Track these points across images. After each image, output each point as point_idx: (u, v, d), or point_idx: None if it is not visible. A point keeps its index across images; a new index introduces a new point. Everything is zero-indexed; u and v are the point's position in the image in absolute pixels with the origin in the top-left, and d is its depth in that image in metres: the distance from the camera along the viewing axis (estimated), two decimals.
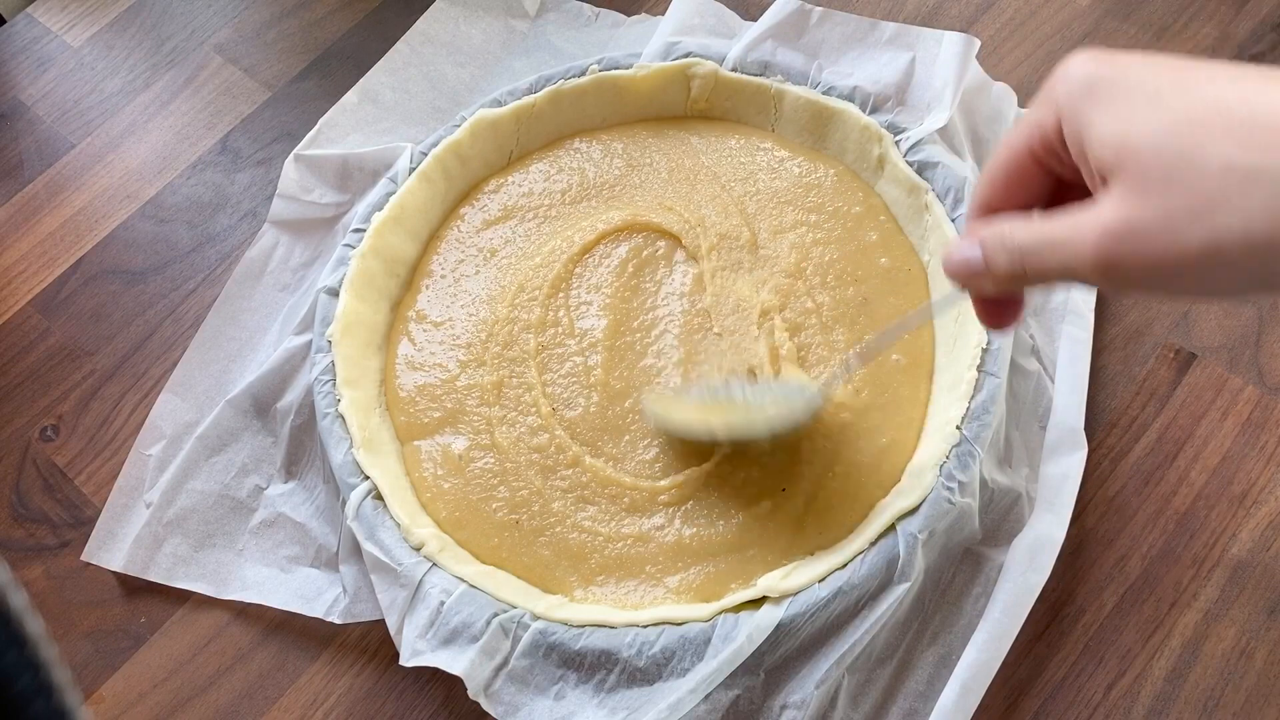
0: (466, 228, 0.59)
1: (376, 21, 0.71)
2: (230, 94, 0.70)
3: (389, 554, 0.48)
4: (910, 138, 0.55)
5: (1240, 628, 0.47)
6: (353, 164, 0.61)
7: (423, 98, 0.66)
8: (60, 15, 0.75)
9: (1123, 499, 0.51)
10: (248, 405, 0.56)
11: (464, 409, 0.53)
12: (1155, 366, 0.54)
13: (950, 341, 0.52)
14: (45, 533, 0.56)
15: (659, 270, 0.56)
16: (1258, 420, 0.52)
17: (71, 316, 0.62)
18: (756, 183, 0.58)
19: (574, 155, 0.61)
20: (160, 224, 0.65)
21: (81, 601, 0.53)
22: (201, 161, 0.67)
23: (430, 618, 0.46)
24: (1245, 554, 0.49)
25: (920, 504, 0.46)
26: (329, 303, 0.55)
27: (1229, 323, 0.54)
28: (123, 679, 0.51)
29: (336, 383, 0.53)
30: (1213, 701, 0.46)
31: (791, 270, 0.55)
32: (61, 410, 0.59)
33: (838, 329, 0.53)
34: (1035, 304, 0.54)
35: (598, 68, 0.60)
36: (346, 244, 0.57)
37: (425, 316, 0.57)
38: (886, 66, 0.58)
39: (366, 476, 0.50)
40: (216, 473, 0.55)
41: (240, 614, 0.52)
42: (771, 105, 0.59)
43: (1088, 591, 0.49)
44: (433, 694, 0.49)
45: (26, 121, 0.70)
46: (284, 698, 0.50)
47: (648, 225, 0.57)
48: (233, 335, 0.59)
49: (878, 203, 0.57)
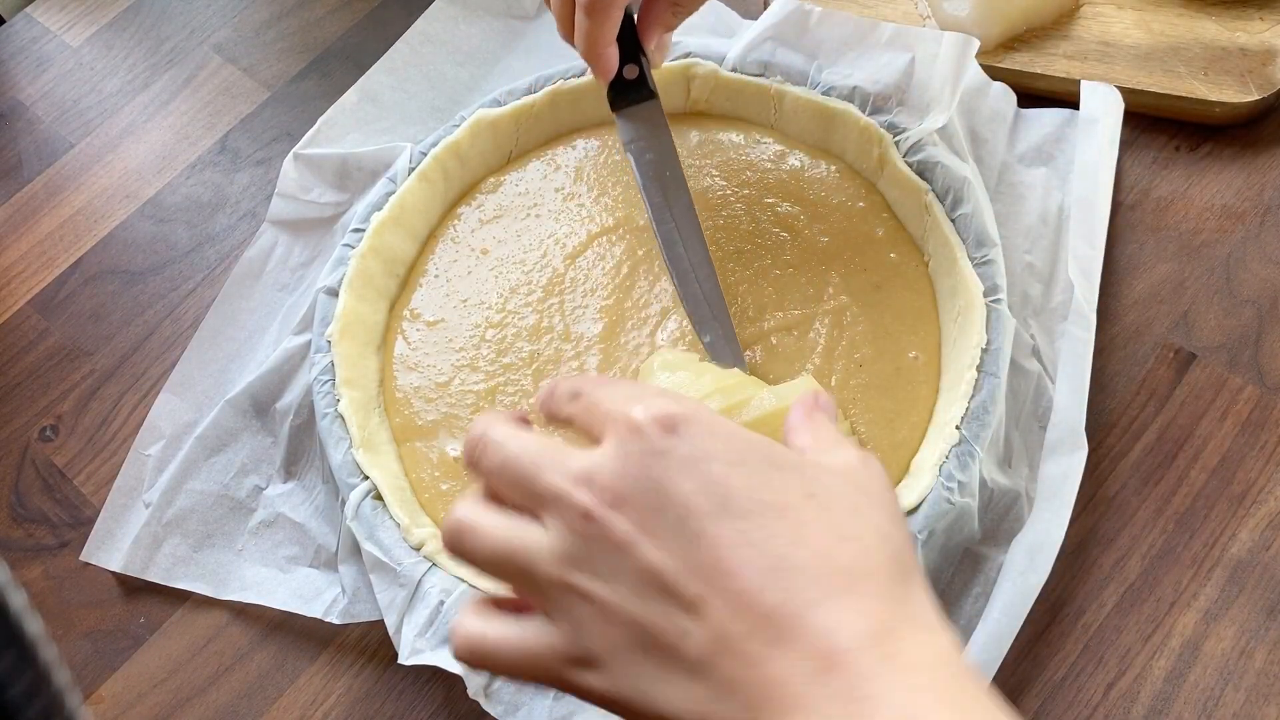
0: (463, 227, 0.59)
1: (376, 21, 0.71)
2: (229, 94, 0.70)
3: (388, 554, 0.48)
4: (910, 138, 0.55)
5: (1240, 628, 0.47)
6: (352, 163, 0.61)
7: (422, 97, 0.66)
8: (59, 15, 0.75)
9: (1123, 499, 0.51)
10: (247, 405, 0.56)
11: (459, 414, 0.53)
12: (1155, 366, 0.54)
13: (950, 341, 0.52)
14: (44, 533, 0.56)
15: (654, 266, 0.56)
16: (1258, 420, 0.52)
17: (70, 316, 0.62)
18: (757, 175, 0.58)
19: (571, 153, 0.61)
20: (159, 224, 0.65)
21: (80, 602, 0.53)
22: (201, 161, 0.67)
23: (430, 617, 0.46)
24: (1245, 554, 0.49)
25: (920, 504, 0.46)
26: (328, 302, 0.55)
27: (1229, 323, 0.54)
28: (122, 679, 0.51)
29: (336, 383, 0.53)
30: (1213, 701, 0.46)
31: (794, 262, 0.55)
32: (60, 410, 0.59)
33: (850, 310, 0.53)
34: (1035, 304, 0.54)
35: None
36: (346, 244, 0.57)
37: (419, 316, 0.57)
38: (886, 67, 0.58)
39: (366, 476, 0.50)
40: (216, 473, 0.55)
41: (239, 614, 0.52)
42: (771, 106, 0.59)
43: (1088, 591, 0.49)
44: (432, 694, 0.49)
45: (25, 121, 0.70)
46: (283, 698, 0.50)
47: (643, 224, 0.57)
48: (232, 335, 0.59)
49: (880, 200, 0.57)
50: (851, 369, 0.52)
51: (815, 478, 0.31)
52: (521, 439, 0.33)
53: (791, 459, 0.32)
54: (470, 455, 0.34)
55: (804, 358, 0.52)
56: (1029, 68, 0.61)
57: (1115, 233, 0.57)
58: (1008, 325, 0.50)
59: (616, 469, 0.31)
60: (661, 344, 0.54)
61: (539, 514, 0.32)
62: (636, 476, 0.30)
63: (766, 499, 0.30)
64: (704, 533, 0.29)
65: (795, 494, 0.31)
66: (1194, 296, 0.55)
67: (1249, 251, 0.56)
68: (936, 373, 0.52)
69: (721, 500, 0.30)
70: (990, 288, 0.51)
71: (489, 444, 0.33)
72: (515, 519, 0.32)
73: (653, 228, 0.52)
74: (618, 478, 0.30)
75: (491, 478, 0.33)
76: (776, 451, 0.32)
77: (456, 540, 0.33)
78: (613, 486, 0.30)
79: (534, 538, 0.31)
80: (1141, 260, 0.57)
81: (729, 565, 0.29)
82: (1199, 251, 0.56)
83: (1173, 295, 0.55)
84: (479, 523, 0.32)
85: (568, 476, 0.31)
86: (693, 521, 0.29)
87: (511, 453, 0.32)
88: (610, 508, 0.30)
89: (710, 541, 0.29)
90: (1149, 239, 0.57)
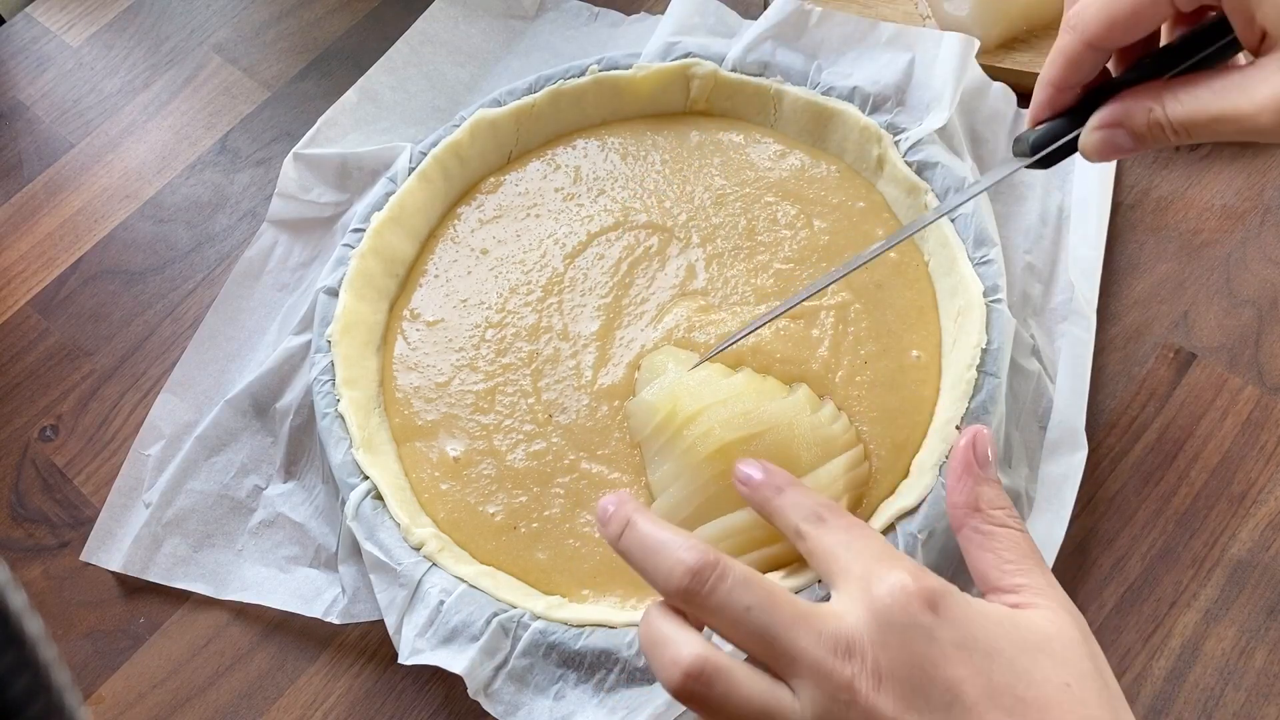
0: (463, 227, 0.59)
1: (376, 21, 0.71)
2: (229, 94, 0.70)
3: (388, 554, 0.48)
4: (909, 138, 0.55)
5: (1240, 628, 0.47)
6: (352, 163, 0.61)
7: (422, 97, 0.66)
8: (59, 15, 0.75)
9: (1122, 499, 0.51)
10: (247, 405, 0.56)
11: (458, 414, 0.53)
12: (1155, 366, 0.54)
13: (950, 341, 0.52)
14: (44, 533, 0.56)
15: (652, 264, 0.56)
16: (1258, 420, 0.52)
17: (71, 316, 0.62)
18: (756, 174, 0.58)
19: (571, 153, 0.61)
20: (159, 224, 0.65)
21: (80, 602, 0.53)
22: (201, 161, 0.67)
23: (429, 617, 0.46)
24: (1245, 554, 0.49)
25: (920, 504, 0.46)
26: (328, 302, 0.55)
27: (1229, 323, 0.54)
28: (122, 679, 0.51)
29: (336, 383, 0.53)
30: (1213, 701, 0.46)
31: (794, 257, 0.55)
32: (60, 410, 0.59)
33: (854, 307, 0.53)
34: (1035, 304, 0.54)
35: (597, 68, 0.60)
36: (346, 244, 0.57)
37: (419, 316, 0.57)
38: (886, 67, 0.58)
39: (366, 476, 0.50)
40: (215, 473, 0.55)
41: (239, 614, 0.52)
42: (771, 105, 0.59)
43: (1088, 591, 0.49)
44: (432, 694, 0.49)
45: (25, 121, 0.70)
46: (283, 698, 0.50)
47: (642, 223, 0.57)
48: (231, 335, 0.59)
49: (880, 200, 0.57)
50: (857, 365, 0.52)
51: (1066, 661, 0.32)
52: (763, 587, 0.32)
53: (1039, 636, 0.32)
54: (693, 586, 0.32)
55: (810, 349, 0.52)
56: (1029, 68, 0.61)
57: (1115, 233, 0.57)
58: (1008, 325, 0.50)
59: (878, 640, 0.30)
60: (657, 339, 0.54)
61: (786, 676, 0.31)
62: (899, 653, 0.30)
63: (1028, 696, 0.30)
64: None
65: (1053, 686, 0.31)
66: (1194, 296, 0.55)
67: (1249, 251, 0.56)
68: (938, 372, 0.52)
69: (986, 692, 0.30)
70: (990, 288, 0.51)
71: (725, 583, 0.32)
72: (767, 678, 0.31)
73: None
74: (881, 649, 0.30)
75: (720, 618, 0.32)
76: (1026, 629, 0.32)
77: (704, 684, 0.31)
78: (876, 660, 0.30)
79: (787, 703, 0.31)
80: (1141, 260, 0.57)
81: None
82: (1199, 251, 0.56)
83: (1173, 295, 0.55)
84: (734, 675, 0.31)
85: (825, 643, 0.30)
86: (956, 711, 0.30)
87: (759, 602, 0.31)
88: (874, 683, 0.30)
89: None
90: (1149, 239, 0.57)
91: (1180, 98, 0.34)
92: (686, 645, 0.31)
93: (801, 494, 0.38)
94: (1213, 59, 0.36)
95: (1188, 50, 0.36)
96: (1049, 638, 0.32)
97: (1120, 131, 0.36)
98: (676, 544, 0.33)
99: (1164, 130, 0.35)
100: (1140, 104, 0.35)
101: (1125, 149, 0.37)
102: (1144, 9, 0.34)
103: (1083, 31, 0.36)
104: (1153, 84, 0.36)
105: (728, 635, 0.32)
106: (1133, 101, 0.36)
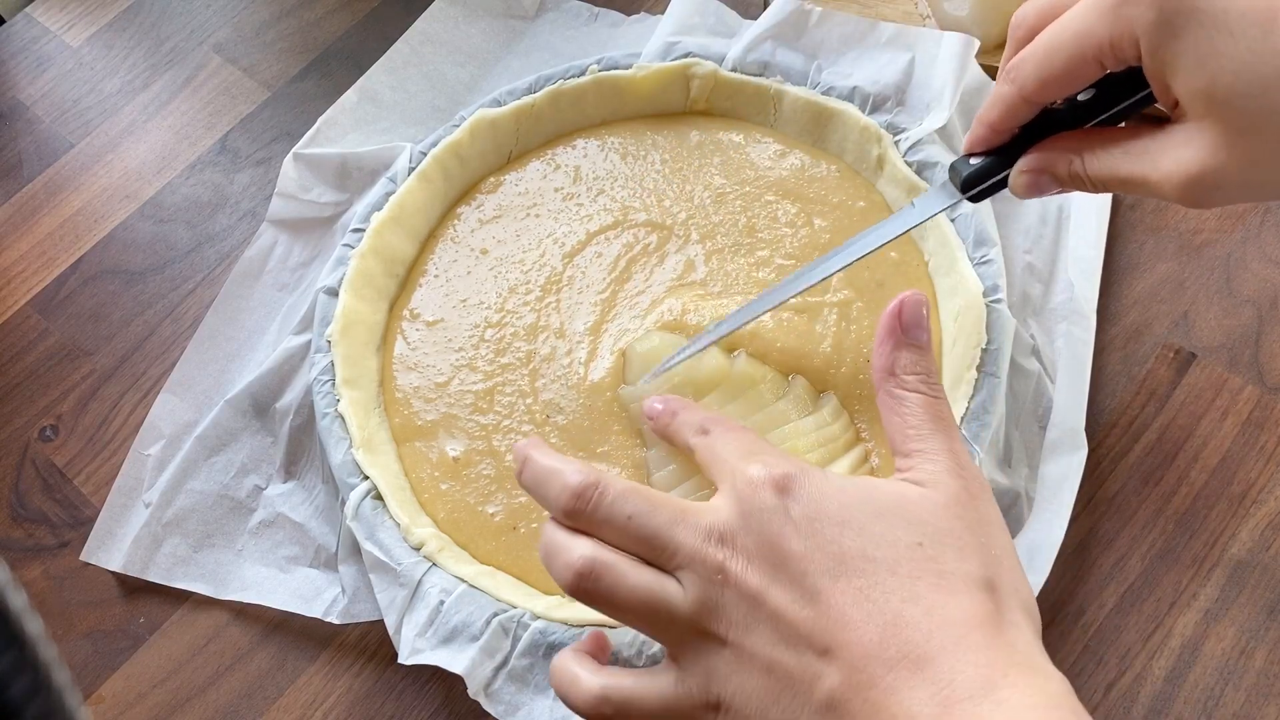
0: (463, 227, 0.59)
1: (376, 21, 0.71)
2: (229, 94, 0.70)
3: (388, 553, 0.48)
4: (909, 138, 0.55)
5: (1240, 628, 0.47)
6: (352, 163, 0.61)
7: (422, 97, 0.66)
8: (59, 15, 0.75)
9: (1122, 499, 0.51)
10: (247, 405, 0.56)
11: (458, 414, 0.53)
12: (1155, 366, 0.54)
13: (950, 341, 0.52)
14: (44, 533, 0.56)
15: (650, 260, 0.56)
16: (1258, 420, 0.52)
17: (70, 316, 0.62)
18: (756, 173, 0.58)
19: (571, 152, 0.61)
20: (159, 224, 0.65)
21: (80, 602, 0.53)
22: (201, 161, 0.67)
23: (429, 617, 0.46)
24: (1245, 554, 0.49)
25: None
26: (328, 302, 0.55)
27: (1229, 323, 0.54)
28: (122, 679, 0.51)
29: (336, 383, 0.53)
30: (1213, 701, 0.46)
31: (795, 254, 0.55)
32: (60, 410, 0.59)
33: (856, 305, 0.53)
34: (1035, 304, 0.54)
35: (597, 68, 0.60)
36: (346, 243, 0.57)
37: (419, 315, 0.57)
38: (886, 67, 0.58)
39: (366, 476, 0.50)
40: (215, 473, 0.55)
41: (239, 614, 0.52)
42: (771, 105, 0.59)
43: (1088, 591, 0.49)
44: (432, 694, 0.49)
45: (25, 121, 0.70)
46: (283, 698, 0.50)
47: (641, 221, 0.57)
48: (231, 335, 0.59)
49: (880, 200, 0.57)
50: (860, 363, 0.52)
51: (921, 522, 0.33)
52: (642, 495, 0.34)
53: (893, 500, 0.34)
54: (577, 505, 0.35)
55: (813, 343, 0.52)
56: None
57: (1115, 232, 0.57)
58: (1008, 325, 0.50)
59: (742, 526, 0.33)
60: (647, 326, 0.54)
61: (669, 567, 0.34)
62: (758, 534, 0.33)
63: (877, 556, 0.32)
64: (822, 590, 0.32)
65: (903, 546, 0.32)
66: (1194, 296, 0.55)
67: (1249, 251, 0.56)
68: (938, 372, 0.52)
69: (836, 559, 0.32)
70: (990, 287, 0.51)
71: (607, 497, 0.34)
72: (654, 571, 0.34)
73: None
74: (745, 534, 0.33)
75: (607, 528, 0.34)
76: (880, 497, 0.34)
77: (593, 580, 0.34)
78: (744, 545, 0.33)
79: (673, 589, 0.33)
80: (1141, 260, 0.57)
81: (850, 619, 0.31)
82: (1199, 251, 0.56)
83: (1173, 295, 0.55)
84: (619, 568, 0.34)
85: (699, 533, 0.33)
86: (810, 579, 0.32)
87: (639, 509, 0.34)
88: (743, 563, 0.32)
89: (829, 598, 0.32)
90: (1149, 239, 0.57)
91: (1099, 155, 0.37)
92: (577, 548, 0.34)
93: (690, 413, 0.42)
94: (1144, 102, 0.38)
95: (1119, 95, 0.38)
96: (905, 501, 0.34)
97: (1045, 177, 0.39)
98: (563, 469, 0.35)
99: (1084, 182, 0.38)
100: (1063, 155, 0.38)
101: (1051, 191, 0.40)
102: (1076, 69, 0.36)
103: (1021, 86, 0.38)
104: (1077, 133, 0.39)
105: (617, 544, 0.35)
106: (1056, 153, 0.39)
